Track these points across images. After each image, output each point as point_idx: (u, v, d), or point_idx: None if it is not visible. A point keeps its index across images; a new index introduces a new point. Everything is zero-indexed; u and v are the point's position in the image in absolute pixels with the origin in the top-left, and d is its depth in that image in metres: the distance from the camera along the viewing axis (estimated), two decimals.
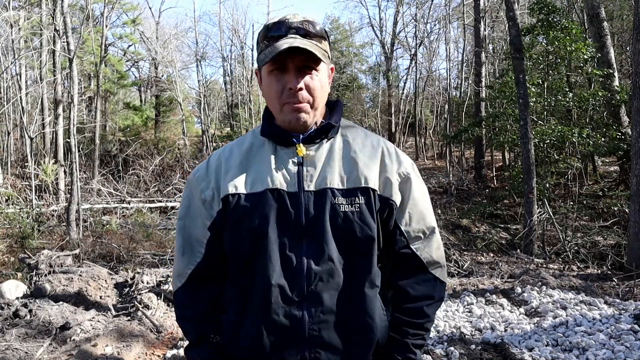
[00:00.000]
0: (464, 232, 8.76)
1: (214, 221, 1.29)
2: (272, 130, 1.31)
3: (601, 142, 9.56)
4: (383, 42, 30.08)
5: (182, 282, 1.33)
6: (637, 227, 6.02)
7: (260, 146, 1.32)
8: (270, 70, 1.25)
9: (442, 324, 4.41)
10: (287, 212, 1.23)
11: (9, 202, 9.80)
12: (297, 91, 1.23)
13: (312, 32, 1.25)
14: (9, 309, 4.47)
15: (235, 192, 1.26)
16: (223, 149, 1.38)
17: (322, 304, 1.21)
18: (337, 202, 1.23)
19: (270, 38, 1.25)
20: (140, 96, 27.11)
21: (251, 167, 1.29)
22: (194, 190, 1.33)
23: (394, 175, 1.29)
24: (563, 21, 9.65)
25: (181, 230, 1.35)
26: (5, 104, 13.89)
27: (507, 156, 14.79)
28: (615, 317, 4.23)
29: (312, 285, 1.21)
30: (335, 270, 1.22)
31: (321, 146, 1.30)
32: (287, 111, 1.25)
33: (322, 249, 1.22)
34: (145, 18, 24.10)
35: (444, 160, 16.58)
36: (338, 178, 1.26)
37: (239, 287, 1.27)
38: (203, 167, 1.36)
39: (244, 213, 1.24)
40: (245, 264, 1.25)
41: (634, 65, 6.35)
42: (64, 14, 8.97)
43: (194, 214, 1.33)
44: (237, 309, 1.27)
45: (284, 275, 1.21)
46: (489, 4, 16.94)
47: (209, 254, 1.31)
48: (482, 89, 14.69)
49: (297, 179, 1.25)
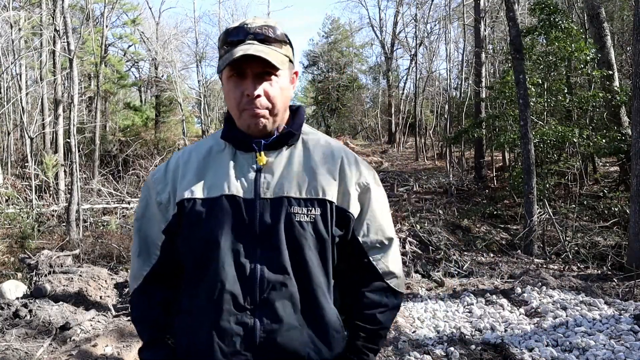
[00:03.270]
0: (464, 233, 8.75)
1: (169, 225, 1.28)
2: (233, 134, 1.29)
3: (601, 143, 9.56)
4: (383, 42, 30.09)
5: (137, 284, 1.33)
6: (637, 228, 6.02)
7: (219, 150, 1.31)
8: (229, 76, 1.24)
9: (442, 324, 4.41)
10: (242, 219, 1.22)
11: (9, 202, 9.80)
12: (255, 98, 1.22)
13: (271, 38, 1.24)
14: (9, 309, 4.47)
15: (191, 197, 1.24)
16: (182, 152, 1.36)
17: (275, 313, 1.20)
18: (293, 212, 1.22)
19: (229, 43, 1.24)
20: (141, 96, 27.12)
21: (209, 171, 1.27)
22: (151, 191, 1.32)
23: (353, 186, 1.29)
24: (564, 22, 9.64)
25: (138, 231, 1.34)
26: (5, 104, 13.89)
27: (507, 156, 14.78)
28: (615, 318, 4.23)
29: (264, 294, 1.20)
30: (289, 280, 1.21)
31: (281, 153, 1.29)
32: (246, 117, 1.24)
33: (277, 257, 1.21)
34: (145, 18, 24.10)
35: (444, 160, 16.57)
36: (296, 187, 1.24)
37: (192, 293, 1.26)
38: (162, 170, 1.35)
39: (198, 218, 1.23)
40: (198, 269, 1.23)
41: (634, 66, 6.35)
42: (64, 14, 8.97)
43: (150, 215, 1.32)
44: (189, 314, 1.26)
45: (237, 283, 1.20)
46: (489, 4, 16.93)
47: (164, 257, 1.31)
48: (482, 89, 14.69)
49: (254, 186, 1.24)
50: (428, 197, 12.10)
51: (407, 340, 3.92)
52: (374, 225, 1.31)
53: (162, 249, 1.30)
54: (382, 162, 19.18)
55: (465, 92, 19.98)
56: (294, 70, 1.32)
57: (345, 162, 1.31)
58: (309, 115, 38.36)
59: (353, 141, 25.62)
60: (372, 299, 1.31)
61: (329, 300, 1.26)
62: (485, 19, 15.88)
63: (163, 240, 1.30)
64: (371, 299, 1.31)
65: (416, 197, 12.00)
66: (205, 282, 1.22)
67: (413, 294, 5.45)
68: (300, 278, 1.22)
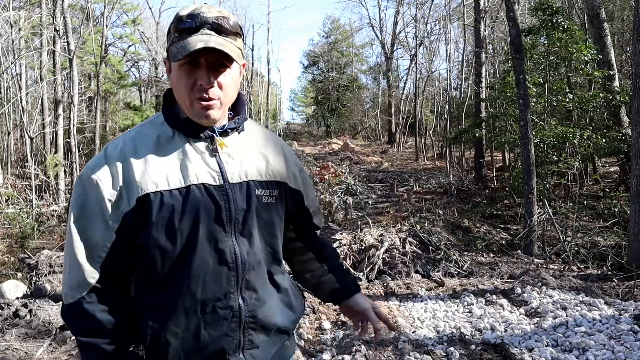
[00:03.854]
0: (464, 233, 8.75)
1: (122, 223, 1.19)
2: (185, 121, 1.26)
3: (601, 143, 9.56)
4: (383, 42, 30.11)
5: (83, 292, 1.19)
6: (637, 228, 6.02)
7: (169, 139, 1.26)
8: (181, 64, 1.20)
9: (442, 324, 4.41)
10: (216, 206, 1.22)
11: (9, 202, 9.80)
12: (209, 88, 1.21)
13: (227, 29, 1.22)
14: (9, 309, 4.48)
15: (156, 189, 1.18)
16: (123, 143, 1.25)
17: (256, 291, 1.28)
18: (260, 194, 1.29)
19: (182, 30, 1.20)
20: (141, 96, 27.12)
21: (166, 161, 1.22)
22: (92, 188, 1.19)
23: (295, 168, 1.44)
24: (566, 22, 9.64)
25: (77, 233, 1.19)
26: (5, 104, 13.89)
27: (507, 156, 14.78)
28: (615, 318, 4.22)
29: (246, 275, 1.25)
30: (261, 258, 1.30)
31: (234, 139, 1.32)
32: (197, 108, 1.22)
33: (252, 239, 1.27)
34: (145, 18, 24.13)
35: (444, 160, 16.57)
36: (256, 170, 1.31)
37: (170, 289, 1.21)
38: (101, 163, 1.22)
39: (170, 211, 1.18)
40: (176, 263, 1.20)
41: (634, 66, 6.34)
42: (64, 14, 8.97)
43: (91, 215, 1.19)
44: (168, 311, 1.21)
45: (219, 269, 1.22)
46: (489, 4, 16.93)
47: (112, 260, 1.20)
48: (482, 89, 14.69)
49: (221, 172, 1.25)
50: (428, 197, 12.10)
51: (407, 340, 3.92)
52: (311, 196, 1.51)
53: (111, 250, 1.19)
54: (382, 162, 19.18)
55: (465, 92, 19.98)
56: (242, 62, 1.30)
57: (284, 147, 1.45)
58: (309, 115, 38.34)
59: (353, 141, 25.61)
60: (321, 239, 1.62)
61: (284, 270, 1.42)
62: (485, 19, 15.87)
63: (113, 240, 1.19)
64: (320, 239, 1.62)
65: (416, 197, 12.00)
66: (185, 275, 1.20)
67: (413, 294, 5.45)
68: (267, 255, 1.32)
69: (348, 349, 3.65)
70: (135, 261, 1.24)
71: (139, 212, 1.19)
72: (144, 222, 1.19)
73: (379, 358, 3.58)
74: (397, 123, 25.91)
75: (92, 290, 1.20)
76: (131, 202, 1.18)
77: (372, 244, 6.73)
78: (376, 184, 14.37)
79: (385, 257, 6.52)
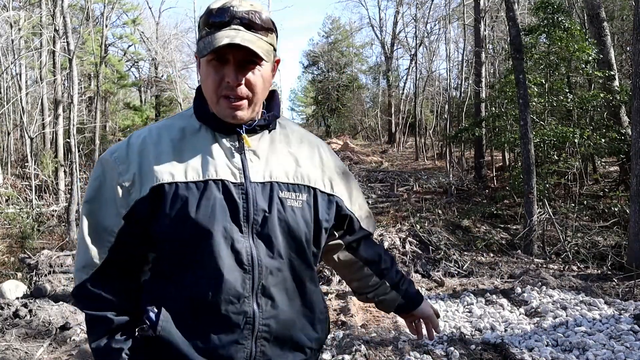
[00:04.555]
0: (464, 233, 8.75)
1: (131, 210, 1.15)
2: (211, 116, 1.22)
3: (601, 142, 9.56)
4: (383, 42, 30.11)
5: (89, 273, 1.17)
6: (637, 227, 6.02)
7: (194, 132, 1.22)
8: (209, 60, 1.16)
9: (442, 324, 4.41)
10: (234, 204, 1.16)
11: (9, 202, 9.80)
12: (236, 86, 1.16)
13: (257, 24, 1.17)
14: (9, 309, 4.48)
15: (172, 180, 1.14)
16: (148, 132, 1.24)
17: (273, 299, 1.19)
18: (284, 196, 1.21)
19: (212, 25, 1.16)
20: (141, 96, 27.14)
21: (187, 154, 1.18)
22: (110, 171, 1.18)
23: (335, 172, 1.35)
24: (567, 21, 9.64)
25: (87, 215, 1.19)
26: (5, 104, 13.88)
27: (507, 156, 14.78)
28: (615, 317, 4.22)
29: (263, 280, 1.17)
30: (283, 265, 1.21)
31: (263, 137, 1.26)
32: (224, 106, 1.18)
33: (271, 242, 1.19)
34: (145, 18, 24.13)
35: (444, 160, 16.57)
36: (283, 172, 1.23)
37: (181, 285, 1.16)
38: (122, 148, 1.21)
39: (184, 204, 1.13)
40: (188, 258, 1.15)
41: (634, 66, 6.35)
42: (64, 14, 8.97)
43: (105, 198, 1.18)
44: (177, 307, 1.16)
45: (234, 270, 1.15)
46: (489, 4, 16.92)
47: (121, 246, 1.17)
48: (482, 89, 14.69)
49: (243, 170, 1.19)
50: (428, 197, 12.09)
51: (407, 340, 3.92)
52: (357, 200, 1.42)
53: (119, 236, 1.17)
54: (382, 162, 19.18)
55: (465, 92, 19.98)
56: (276, 59, 1.25)
57: (322, 150, 1.36)
58: (309, 115, 38.36)
59: (353, 141, 25.61)
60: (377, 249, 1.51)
61: (316, 284, 1.30)
62: (485, 18, 15.88)
63: (121, 226, 1.16)
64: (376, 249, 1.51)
65: (416, 197, 12.00)
66: (198, 271, 1.15)
67: None
68: (291, 262, 1.22)
69: (348, 349, 3.65)
70: (149, 251, 1.20)
71: (153, 201, 1.15)
72: (156, 212, 1.15)
73: (379, 358, 3.58)
74: (397, 123, 25.91)
75: (98, 272, 1.17)
76: (144, 190, 1.15)
77: None
78: (376, 184, 14.37)
79: None
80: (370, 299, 1.51)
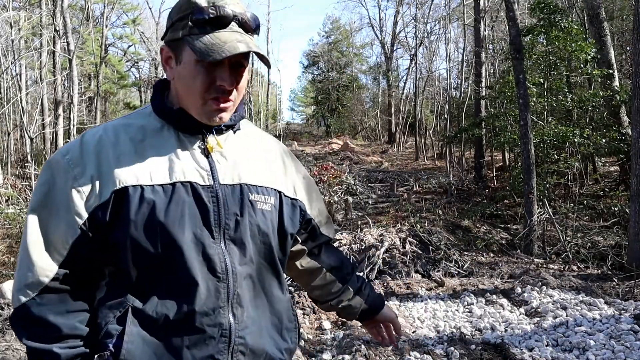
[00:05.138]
0: (464, 233, 8.74)
1: (90, 218, 1.04)
2: (177, 114, 1.13)
3: (601, 142, 9.56)
4: (383, 42, 30.12)
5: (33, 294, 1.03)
6: (637, 227, 6.02)
7: (156, 131, 1.13)
8: (199, 60, 1.06)
9: (442, 324, 4.41)
10: (204, 208, 1.09)
11: (9, 202, 9.80)
12: (230, 90, 1.10)
13: (249, 26, 1.12)
14: (9, 309, 4.48)
15: (136, 183, 1.05)
16: (104, 130, 1.12)
17: (246, 308, 1.13)
18: (254, 199, 1.16)
19: (204, 22, 1.06)
20: (141, 96, 27.13)
21: (150, 154, 1.09)
22: (62, 175, 1.06)
23: (296, 176, 1.32)
24: (564, 21, 9.64)
25: (34, 225, 1.05)
26: (5, 104, 13.89)
27: (507, 156, 14.79)
28: (615, 317, 4.22)
29: (237, 288, 1.10)
30: (254, 271, 1.15)
31: (228, 138, 1.20)
32: (212, 108, 1.10)
33: (244, 247, 1.12)
34: (145, 18, 24.16)
35: (444, 160, 16.57)
36: (251, 174, 1.18)
37: (148, 297, 1.06)
38: (75, 148, 1.09)
39: (152, 209, 1.05)
40: (156, 267, 1.06)
41: (634, 66, 6.35)
42: (64, 14, 8.98)
43: (56, 205, 1.05)
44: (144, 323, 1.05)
45: (208, 279, 1.07)
46: (489, 4, 16.93)
47: (74, 259, 1.05)
48: (482, 89, 14.69)
49: (211, 172, 1.12)
50: (428, 197, 12.10)
51: (407, 340, 3.92)
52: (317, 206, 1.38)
53: (73, 247, 1.04)
54: (382, 162, 19.18)
55: (465, 92, 19.98)
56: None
57: (284, 154, 1.33)
58: (309, 115, 38.33)
59: (353, 141, 25.60)
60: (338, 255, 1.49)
61: (284, 291, 1.25)
62: (485, 18, 15.88)
63: (77, 236, 1.04)
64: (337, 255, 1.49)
65: (416, 197, 12.00)
66: (167, 281, 1.06)
67: (413, 293, 5.45)
68: (260, 269, 1.17)
69: (348, 349, 3.65)
70: (107, 263, 1.09)
71: (114, 207, 1.04)
72: (119, 218, 1.05)
73: (379, 358, 3.58)
74: (397, 123, 25.91)
75: (45, 291, 1.03)
76: (104, 195, 1.04)
77: (372, 243, 6.73)
78: (376, 184, 14.37)
79: (385, 257, 6.52)
80: (333, 307, 1.46)
